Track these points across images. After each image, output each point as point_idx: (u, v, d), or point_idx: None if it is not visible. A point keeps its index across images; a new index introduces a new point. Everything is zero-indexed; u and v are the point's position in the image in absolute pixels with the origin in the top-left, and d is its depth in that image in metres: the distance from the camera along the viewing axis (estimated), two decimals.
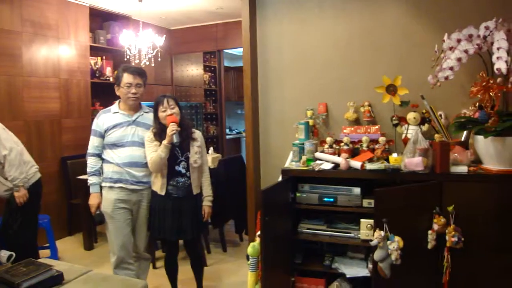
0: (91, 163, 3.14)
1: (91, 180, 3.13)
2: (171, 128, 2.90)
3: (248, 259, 2.95)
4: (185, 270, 3.50)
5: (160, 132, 3.01)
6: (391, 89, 3.04)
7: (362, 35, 3.40)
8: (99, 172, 3.14)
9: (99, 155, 3.14)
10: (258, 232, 2.78)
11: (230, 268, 4.15)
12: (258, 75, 3.81)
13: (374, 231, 2.49)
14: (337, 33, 3.49)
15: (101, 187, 3.14)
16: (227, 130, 8.74)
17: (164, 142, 2.92)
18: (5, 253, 3.34)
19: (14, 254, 3.38)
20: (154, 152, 2.95)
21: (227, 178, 4.52)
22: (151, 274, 3.70)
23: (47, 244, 4.25)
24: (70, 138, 5.20)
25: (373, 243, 2.45)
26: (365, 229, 2.87)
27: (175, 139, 2.91)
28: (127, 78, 3.06)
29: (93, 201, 3.12)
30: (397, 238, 2.43)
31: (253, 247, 2.87)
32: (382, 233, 2.44)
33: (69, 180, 5.02)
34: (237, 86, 8.94)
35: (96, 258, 4.47)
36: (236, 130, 9.25)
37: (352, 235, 2.99)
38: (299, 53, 3.65)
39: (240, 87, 8.43)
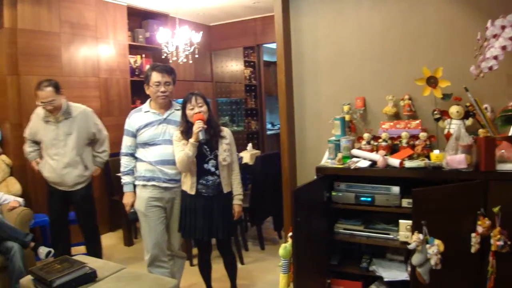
0: (124, 162, 3.16)
1: (124, 179, 3.15)
2: (197, 126, 2.85)
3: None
4: (220, 268, 3.46)
5: (187, 130, 2.97)
6: (432, 81, 2.86)
7: (400, 25, 3.22)
8: (132, 172, 3.15)
9: (132, 155, 3.15)
10: (290, 233, 2.69)
11: (267, 267, 4.07)
12: (293, 69, 3.71)
13: (413, 233, 2.34)
14: (373, 23, 3.32)
15: (135, 186, 3.16)
16: (269, 126, 8.67)
17: (191, 140, 2.87)
18: (43, 249, 3.44)
19: (53, 250, 3.49)
20: (182, 151, 2.92)
21: (265, 174, 4.46)
22: (187, 271, 3.70)
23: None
24: (110, 136, 5.22)
25: (411, 246, 2.30)
26: (404, 231, 2.71)
27: (201, 136, 2.85)
28: (155, 76, 3.05)
29: (126, 200, 3.16)
30: (437, 241, 2.26)
31: (284, 248, 2.78)
32: (421, 236, 2.28)
33: (110, 177, 5.10)
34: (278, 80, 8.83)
35: (135, 254, 4.52)
36: (278, 126, 9.13)
37: (391, 236, 2.84)
38: (334, 46, 3.51)
39: None
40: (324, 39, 3.55)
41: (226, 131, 3.10)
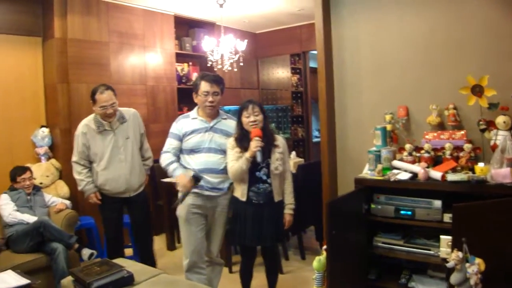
0: (165, 157, 3.13)
1: (172, 167, 3.09)
2: (255, 144, 2.85)
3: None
4: (259, 277, 3.45)
5: (241, 138, 2.99)
6: (477, 90, 2.75)
7: (444, 31, 3.11)
8: (177, 160, 3.12)
9: (174, 154, 3.13)
10: (325, 246, 2.64)
11: (307, 277, 4.00)
12: (334, 77, 3.66)
13: (452, 251, 2.23)
14: (416, 30, 3.23)
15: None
16: (316, 133, 8.58)
17: (246, 155, 2.88)
18: (86, 251, 3.56)
19: (95, 252, 3.60)
20: (235, 160, 2.94)
21: (307, 183, 4.41)
22: (226, 278, 3.71)
23: (130, 243, 4.47)
24: (157, 142, 5.33)
25: (449, 265, 2.19)
26: (446, 247, 2.60)
27: (258, 158, 2.86)
28: (204, 86, 3.06)
29: (181, 180, 2.98)
30: (478, 260, 2.15)
31: (318, 261, 2.74)
32: (461, 254, 2.17)
33: (155, 182, 5.22)
34: None
35: (177, 259, 4.57)
36: None
37: (432, 252, 2.74)
38: (376, 54, 3.44)
39: None
40: (366, 46, 3.49)
41: (280, 140, 3.08)
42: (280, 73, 7.74)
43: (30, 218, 3.67)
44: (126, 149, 3.62)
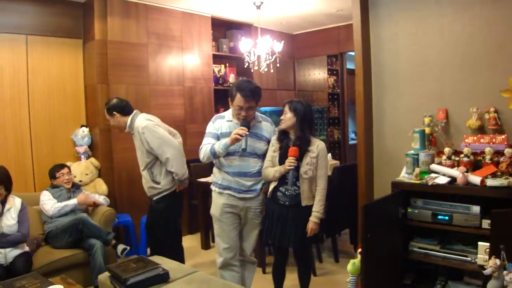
0: (204, 148, 3.07)
1: (217, 144, 3.02)
2: (289, 163, 2.87)
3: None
4: (293, 277, 3.45)
5: (281, 134, 3.03)
6: None
7: (485, 32, 3.03)
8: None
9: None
10: (360, 249, 2.61)
11: (340, 280, 3.98)
12: (372, 79, 3.62)
13: (490, 258, 2.17)
14: (456, 31, 3.16)
15: (211, 190, 3.23)
16: (352, 135, 8.49)
17: (281, 169, 2.92)
18: (120, 246, 3.66)
19: (128, 248, 3.68)
20: (269, 161, 3.02)
21: (342, 186, 4.38)
22: (259, 278, 3.73)
23: None
24: (194, 143, 5.44)
25: (486, 272, 2.14)
26: (484, 254, 2.52)
27: (289, 180, 2.89)
28: (238, 100, 2.97)
29: (237, 131, 2.92)
30: None
31: (353, 264, 2.72)
32: (498, 261, 2.11)
33: (191, 182, 5.29)
34: None
35: (212, 257, 4.55)
36: None
37: (469, 259, 2.67)
38: (415, 55, 3.39)
39: None
40: (404, 48, 3.44)
41: (315, 146, 2.99)
42: (317, 74, 7.69)
43: (71, 201, 3.84)
44: (138, 156, 3.62)
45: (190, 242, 5.26)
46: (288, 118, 2.98)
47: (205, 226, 4.96)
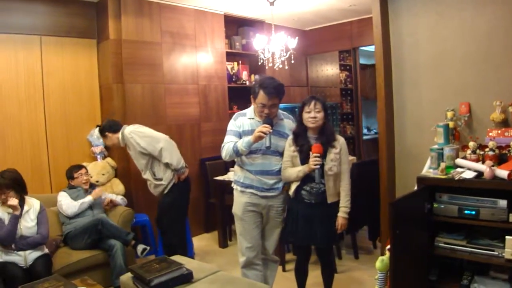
0: (227, 146, 3.04)
1: (239, 141, 2.98)
2: (314, 162, 2.82)
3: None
4: (314, 275, 3.42)
5: (300, 133, 2.97)
6: None
7: (507, 24, 2.97)
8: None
9: None
10: (388, 246, 2.57)
11: (361, 277, 3.95)
12: (392, 73, 3.57)
13: None
14: (478, 24, 3.11)
15: (232, 188, 3.21)
16: (365, 130, 8.42)
17: (305, 168, 2.87)
18: (140, 247, 3.65)
19: (148, 248, 3.68)
20: (288, 162, 2.96)
21: (361, 182, 4.32)
22: (279, 277, 3.70)
23: None
24: (208, 141, 5.46)
25: None
26: (511, 248, 2.48)
27: (316, 177, 2.85)
28: (261, 98, 2.93)
29: (260, 128, 2.88)
30: None
31: (381, 261, 2.68)
32: None
33: (207, 180, 5.28)
34: (374, 84, 8.51)
35: (230, 256, 4.60)
36: (374, 130, 8.82)
37: (496, 253, 2.63)
38: (436, 48, 3.33)
39: None
40: (425, 41, 3.39)
41: (338, 142, 2.98)
42: (329, 70, 7.64)
43: (86, 198, 3.85)
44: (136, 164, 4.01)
45: (207, 240, 5.24)
46: (321, 117, 2.92)
47: (222, 224, 4.94)
